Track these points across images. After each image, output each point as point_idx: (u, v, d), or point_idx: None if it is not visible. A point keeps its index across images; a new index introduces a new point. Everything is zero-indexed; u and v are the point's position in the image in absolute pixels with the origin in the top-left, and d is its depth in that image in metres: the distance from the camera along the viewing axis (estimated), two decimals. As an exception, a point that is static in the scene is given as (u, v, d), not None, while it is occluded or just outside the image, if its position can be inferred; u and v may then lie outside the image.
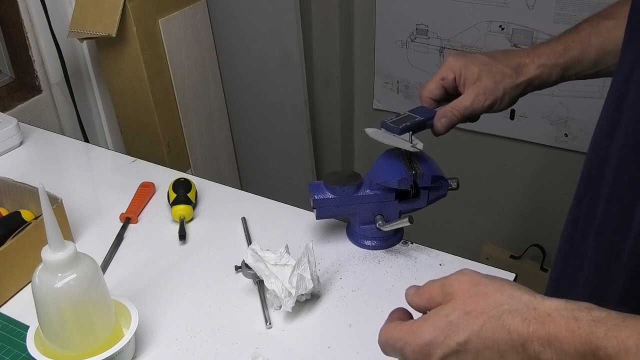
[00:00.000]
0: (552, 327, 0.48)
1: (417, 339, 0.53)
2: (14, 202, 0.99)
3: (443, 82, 0.88)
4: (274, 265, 0.83)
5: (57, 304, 0.70)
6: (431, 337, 0.52)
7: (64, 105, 1.60)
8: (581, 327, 0.47)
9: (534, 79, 0.85)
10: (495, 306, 0.51)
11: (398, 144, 0.85)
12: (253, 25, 1.79)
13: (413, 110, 0.89)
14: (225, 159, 1.98)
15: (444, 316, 0.53)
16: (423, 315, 0.56)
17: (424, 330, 0.53)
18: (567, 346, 0.47)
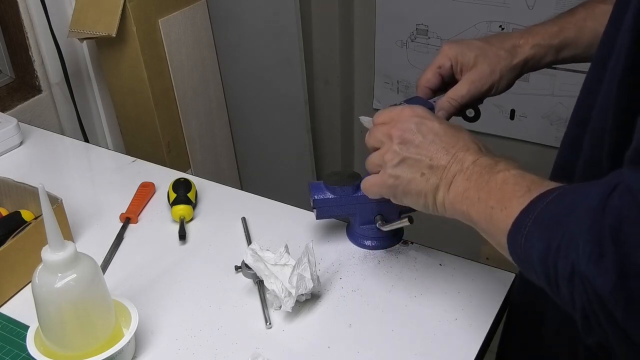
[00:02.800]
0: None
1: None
2: (14, 202, 0.99)
3: (440, 71, 0.88)
4: (274, 265, 0.83)
5: (57, 304, 0.70)
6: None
7: (64, 105, 1.60)
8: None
9: (528, 59, 0.86)
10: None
11: None
12: (253, 25, 1.79)
13: (409, 100, 0.88)
14: (225, 159, 1.98)
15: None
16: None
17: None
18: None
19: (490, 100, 0.89)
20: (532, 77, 1.64)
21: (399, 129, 0.70)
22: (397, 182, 0.71)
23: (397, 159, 0.70)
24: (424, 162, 0.69)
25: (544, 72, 1.62)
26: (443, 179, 0.67)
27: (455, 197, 0.66)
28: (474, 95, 0.86)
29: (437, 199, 0.68)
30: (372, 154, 0.74)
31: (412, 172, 0.69)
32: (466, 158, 0.67)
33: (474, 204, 0.63)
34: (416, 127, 0.70)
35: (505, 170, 0.63)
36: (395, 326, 0.81)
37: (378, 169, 0.73)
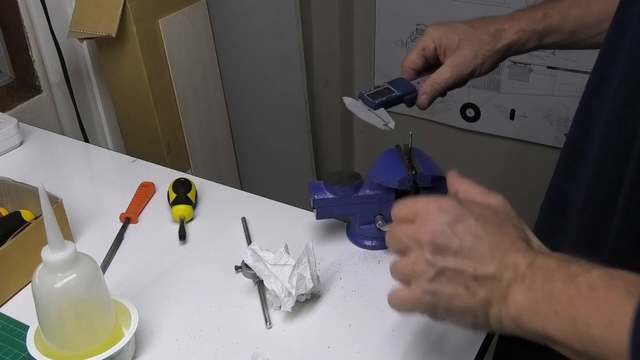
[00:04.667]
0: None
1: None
2: (14, 202, 0.99)
3: (424, 52, 0.89)
4: (274, 265, 0.83)
5: (57, 304, 0.70)
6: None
7: (64, 105, 1.60)
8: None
9: (512, 44, 0.86)
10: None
11: (371, 120, 0.86)
12: (253, 25, 1.79)
13: (392, 82, 0.89)
14: (225, 159, 1.98)
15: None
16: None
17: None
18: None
19: (490, 100, 0.90)
20: (532, 77, 1.64)
21: (429, 232, 0.57)
22: (436, 300, 0.57)
23: (433, 271, 0.56)
24: (467, 272, 0.55)
25: (544, 72, 1.62)
26: (495, 291, 0.54)
27: (520, 312, 0.53)
28: (457, 79, 0.87)
29: (490, 316, 0.55)
30: (397, 260, 0.60)
31: (453, 286, 0.56)
32: (518, 261, 0.54)
33: (553, 321, 0.50)
34: (449, 228, 0.56)
35: (583, 272, 0.51)
36: (395, 326, 0.81)
37: (407, 279, 0.59)
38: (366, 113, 0.87)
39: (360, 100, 0.88)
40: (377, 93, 0.88)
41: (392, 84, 0.89)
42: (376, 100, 0.86)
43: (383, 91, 0.88)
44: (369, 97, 0.87)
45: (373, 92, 0.88)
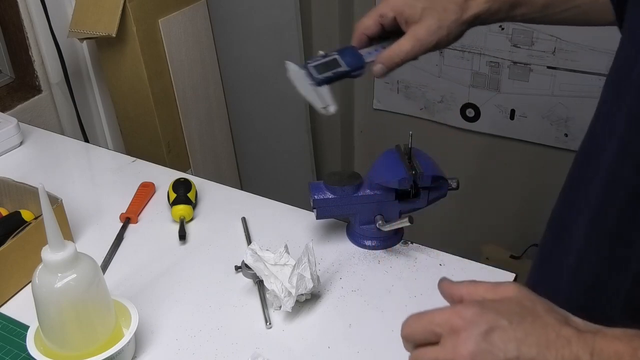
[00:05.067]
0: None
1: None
2: (14, 202, 0.99)
3: (381, 20, 0.81)
4: (274, 265, 0.83)
5: (57, 304, 0.70)
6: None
7: (64, 105, 1.60)
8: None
9: (480, 14, 0.80)
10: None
11: (310, 98, 0.78)
12: (253, 25, 1.79)
13: (341, 51, 0.81)
14: (225, 159, 1.98)
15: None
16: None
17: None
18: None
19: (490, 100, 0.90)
20: (532, 77, 1.64)
21: (468, 354, 0.48)
22: None
23: None
24: None
25: (544, 72, 1.63)
26: None
27: None
28: (419, 52, 0.80)
29: None
30: None
31: None
32: (578, 353, 0.47)
33: None
34: (487, 342, 0.48)
35: None
36: (395, 326, 0.80)
37: None
38: (307, 88, 0.78)
39: (305, 71, 0.78)
40: (324, 65, 0.79)
41: (341, 54, 0.80)
42: (321, 74, 0.78)
43: (330, 64, 0.79)
44: (314, 68, 0.78)
45: (320, 63, 0.79)
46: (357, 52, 0.81)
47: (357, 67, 0.80)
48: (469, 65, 1.71)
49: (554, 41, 1.57)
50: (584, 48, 1.53)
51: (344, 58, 0.80)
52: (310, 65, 0.79)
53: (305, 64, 0.78)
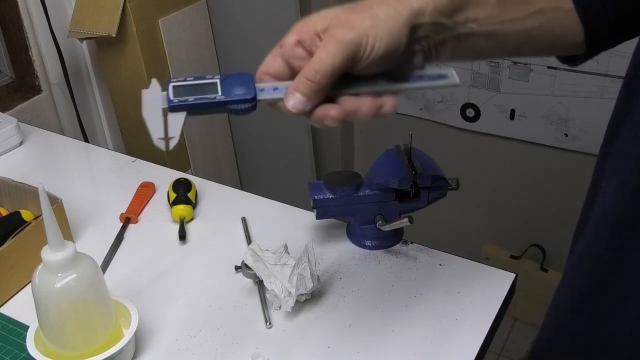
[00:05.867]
0: None
1: None
2: (14, 202, 0.99)
3: (282, 52, 0.59)
4: (274, 265, 0.83)
5: (57, 304, 0.70)
6: None
7: (64, 105, 1.60)
8: None
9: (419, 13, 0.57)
10: None
11: (151, 123, 0.60)
12: (253, 25, 1.79)
13: (227, 78, 0.59)
14: (225, 159, 1.98)
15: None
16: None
17: None
18: None
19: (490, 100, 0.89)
20: (532, 77, 1.64)
21: None
22: None
23: None
24: None
25: (544, 72, 1.63)
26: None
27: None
28: (347, 59, 0.56)
29: None
30: None
31: None
32: None
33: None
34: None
35: None
36: (395, 326, 0.81)
37: None
38: (154, 111, 0.59)
39: (166, 93, 0.60)
40: (189, 88, 0.59)
41: (226, 81, 0.59)
42: (180, 98, 0.58)
43: (200, 88, 0.59)
44: (175, 89, 0.59)
45: (186, 84, 0.59)
46: (252, 82, 0.59)
47: (238, 100, 0.58)
48: (469, 65, 1.71)
49: (554, 41, 1.57)
50: (584, 48, 1.53)
51: (226, 85, 0.59)
52: (174, 83, 0.59)
53: (169, 81, 0.60)
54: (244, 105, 0.58)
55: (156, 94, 0.60)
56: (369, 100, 0.58)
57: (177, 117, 0.58)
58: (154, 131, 0.59)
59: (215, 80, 0.59)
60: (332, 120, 0.57)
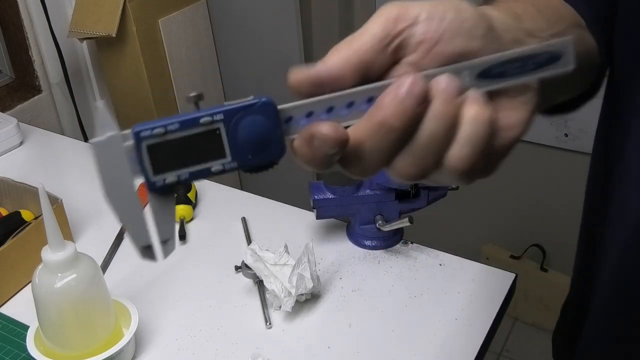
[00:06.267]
0: None
1: None
2: (14, 202, 0.99)
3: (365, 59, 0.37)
4: (274, 265, 0.83)
5: (57, 304, 0.70)
6: None
7: (64, 105, 1.60)
8: None
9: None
10: None
11: (129, 225, 0.39)
12: (253, 25, 1.79)
13: (235, 116, 0.35)
14: (225, 159, 1.98)
15: None
16: None
17: None
18: None
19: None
20: (532, 77, 1.64)
21: None
22: None
23: None
24: None
25: (544, 72, 1.62)
26: None
27: None
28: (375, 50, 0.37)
29: None
30: None
31: None
32: None
33: None
34: None
35: None
36: (395, 326, 0.81)
37: None
38: (121, 191, 0.37)
39: (132, 143, 0.35)
40: (177, 147, 0.35)
41: (233, 125, 0.35)
42: (163, 174, 0.36)
43: (194, 144, 0.35)
44: (150, 151, 0.35)
45: (168, 140, 0.35)
46: (277, 115, 0.36)
47: (260, 165, 0.38)
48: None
49: (554, 41, 1.57)
50: (584, 48, 1.53)
51: (236, 134, 0.35)
52: (145, 142, 0.35)
53: (136, 134, 0.35)
54: (270, 163, 0.38)
55: (117, 150, 0.34)
56: None
57: (164, 202, 0.37)
58: (135, 233, 0.39)
59: (216, 125, 0.34)
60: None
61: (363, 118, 0.36)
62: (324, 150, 0.36)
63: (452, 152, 0.36)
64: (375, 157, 0.36)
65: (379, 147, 0.36)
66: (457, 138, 0.36)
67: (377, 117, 0.35)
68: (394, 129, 0.35)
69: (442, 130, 0.36)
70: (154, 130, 0.34)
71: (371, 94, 0.36)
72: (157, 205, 0.37)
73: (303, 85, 0.37)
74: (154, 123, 0.35)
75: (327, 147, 0.35)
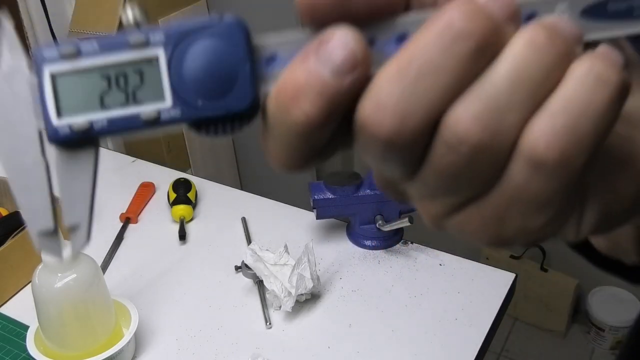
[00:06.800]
0: None
1: None
2: (14, 202, 0.99)
3: None
4: (274, 265, 0.83)
5: (57, 304, 0.70)
6: None
7: (64, 105, 1.60)
8: None
9: None
10: None
11: (20, 195, 0.26)
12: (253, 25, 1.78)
13: (184, 39, 0.24)
14: (225, 159, 1.98)
15: None
16: None
17: None
18: None
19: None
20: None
21: None
22: None
23: None
24: None
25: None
26: None
27: None
28: None
29: None
30: None
31: None
32: None
33: None
34: None
35: None
36: (395, 326, 0.81)
37: None
38: (19, 144, 0.25)
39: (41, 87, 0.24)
40: (96, 77, 0.24)
41: (178, 51, 0.24)
42: (75, 112, 0.24)
43: (120, 76, 0.24)
44: (60, 82, 0.24)
45: (86, 66, 0.24)
46: (247, 42, 0.25)
47: (221, 113, 0.26)
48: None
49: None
50: (584, 48, 1.53)
51: (184, 61, 0.24)
52: (47, 66, 0.24)
53: (38, 55, 0.24)
54: (225, 119, 0.27)
55: (19, 85, 0.25)
56: None
57: (73, 163, 0.25)
58: (30, 210, 0.26)
59: (152, 51, 0.24)
60: None
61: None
62: (329, 69, 0.21)
63: (538, 123, 0.21)
64: (421, 93, 0.21)
65: (433, 69, 0.21)
66: (550, 100, 0.21)
67: (439, 20, 0.21)
68: (465, 36, 0.21)
69: (537, 68, 0.21)
70: (62, 51, 0.24)
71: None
72: (65, 167, 0.25)
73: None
74: (65, 42, 0.24)
75: (338, 61, 0.21)
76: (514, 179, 0.22)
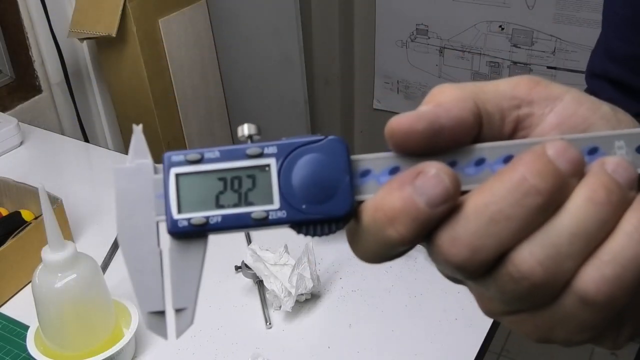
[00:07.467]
0: None
1: None
2: (14, 202, 0.99)
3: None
4: (273, 265, 0.83)
5: (57, 304, 0.70)
6: None
7: (64, 105, 1.60)
8: None
9: None
10: None
11: (137, 279, 0.32)
12: (253, 25, 1.79)
13: (292, 152, 0.30)
14: (225, 159, 1.98)
15: None
16: None
17: None
18: None
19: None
20: (532, 77, 1.64)
21: None
22: None
23: None
24: None
25: (544, 72, 1.62)
26: None
27: None
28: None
29: None
30: None
31: None
32: None
33: None
34: None
35: None
36: (395, 326, 0.81)
37: None
38: (140, 236, 0.31)
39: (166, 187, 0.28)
40: (213, 181, 0.28)
41: (288, 163, 0.29)
42: (194, 212, 0.29)
43: (235, 182, 0.28)
44: (179, 182, 0.28)
45: (205, 170, 0.28)
46: (347, 157, 0.29)
47: (323, 217, 0.30)
48: (469, 65, 1.71)
49: (554, 41, 1.57)
50: (584, 48, 1.53)
51: (293, 170, 0.29)
52: (173, 169, 0.28)
53: (166, 158, 0.28)
54: (326, 222, 0.30)
55: (144, 182, 0.28)
56: None
57: (186, 253, 0.31)
58: (143, 291, 0.30)
59: (265, 160, 0.28)
60: None
61: (489, 179, 0.25)
62: (424, 200, 0.25)
63: (592, 269, 0.25)
64: (493, 234, 0.24)
65: (505, 216, 0.24)
66: (602, 250, 0.25)
67: (514, 174, 0.24)
68: (535, 192, 0.24)
69: (594, 223, 0.24)
70: (187, 155, 0.27)
71: (510, 152, 0.27)
72: (177, 256, 0.30)
73: (416, 134, 0.27)
74: (190, 150, 0.28)
75: (432, 195, 0.25)
76: (565, 308, 0.26)
